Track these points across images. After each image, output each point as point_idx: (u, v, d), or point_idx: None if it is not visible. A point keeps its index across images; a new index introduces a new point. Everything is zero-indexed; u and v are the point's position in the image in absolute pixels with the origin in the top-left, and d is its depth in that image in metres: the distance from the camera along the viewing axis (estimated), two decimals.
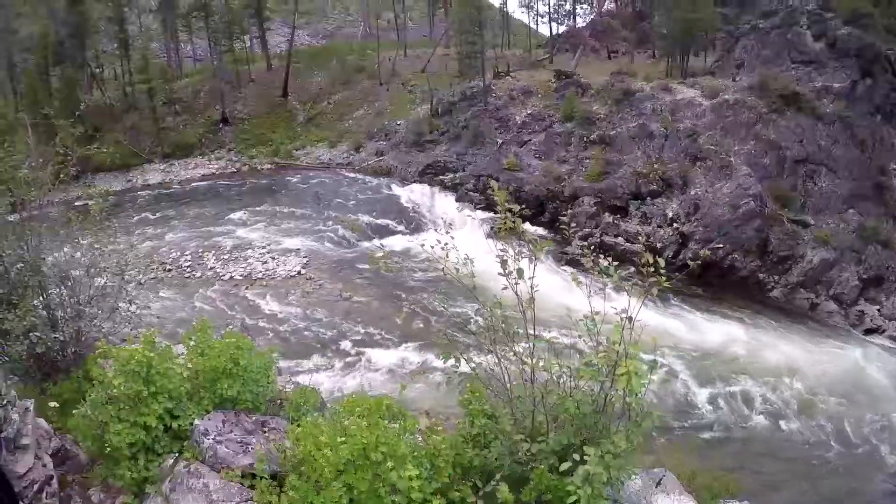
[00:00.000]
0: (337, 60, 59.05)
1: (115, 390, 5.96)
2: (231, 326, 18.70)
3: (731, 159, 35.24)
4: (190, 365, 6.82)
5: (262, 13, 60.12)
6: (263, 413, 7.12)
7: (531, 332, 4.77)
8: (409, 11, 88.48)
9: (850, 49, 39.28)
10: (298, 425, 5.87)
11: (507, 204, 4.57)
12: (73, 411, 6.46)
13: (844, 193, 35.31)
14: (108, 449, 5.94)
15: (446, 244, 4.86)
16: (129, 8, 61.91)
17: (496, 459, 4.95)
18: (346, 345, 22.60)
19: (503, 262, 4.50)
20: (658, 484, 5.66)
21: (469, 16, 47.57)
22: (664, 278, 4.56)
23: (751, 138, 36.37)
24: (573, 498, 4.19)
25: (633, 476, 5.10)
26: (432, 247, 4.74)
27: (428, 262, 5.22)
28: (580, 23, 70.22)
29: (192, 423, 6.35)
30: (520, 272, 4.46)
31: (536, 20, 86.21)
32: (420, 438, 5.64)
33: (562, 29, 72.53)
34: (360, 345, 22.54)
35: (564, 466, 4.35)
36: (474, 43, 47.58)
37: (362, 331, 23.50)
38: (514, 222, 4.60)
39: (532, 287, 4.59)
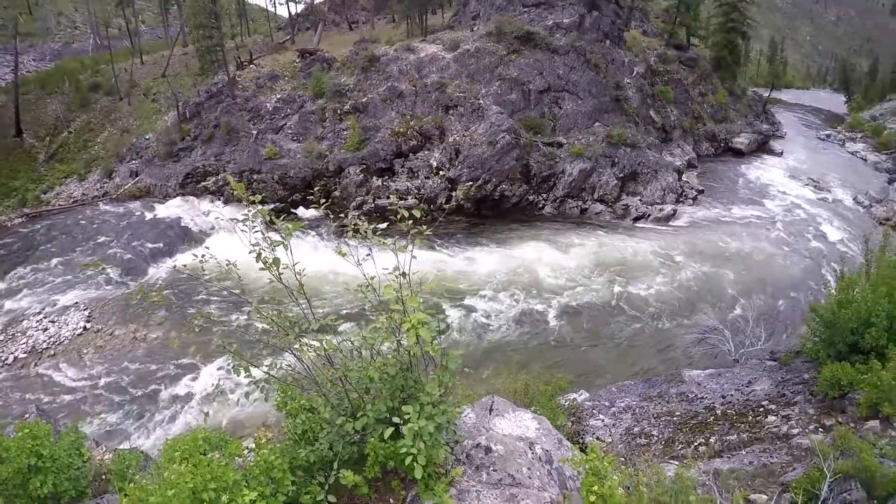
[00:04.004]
0: (69, 82, 52.06)
1: None
2: (27, 415, 16.26)
3: (481, 102, 38.00)
4: None
5: None
6: (91, 497, 6.31)
7: (310, 316, 4.74)
8: (141, 14, 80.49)
9: None
10: (126, 495, 5.28)
11: (249, 196, 4.42)
12: None
13: (588, 111, 40.05)
14: None
15: (203, 256, 4.61)
16: None
17: (330, 448, 4.89)
18: (156, 388, 20.98)
19: (258, 256, 4.37)
20: (490, 410, 6.01)
21: (204, 8, 44.66)
22: (425, 227, 4.76)
23: (496, 80, 39.44)
24: (409, 459, 4.30)
25: (460, 414, 5.36)
26: (185, 265, 4.48)
27: (211, 273, 4.89)
28: None
29: None
30: (276, 262, 4.37)
31: (274, 2, 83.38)
32: (250, 457, 5.37)
33: (300, 7, 71.04)
34: (171, 382, 21.10)
35: (387, 433, 4.43)
36: (212, 36, 44.99)
37: (169, 367, 21.99)
38: (258, 210, 4.48)
39: (297, 273, 4.54)
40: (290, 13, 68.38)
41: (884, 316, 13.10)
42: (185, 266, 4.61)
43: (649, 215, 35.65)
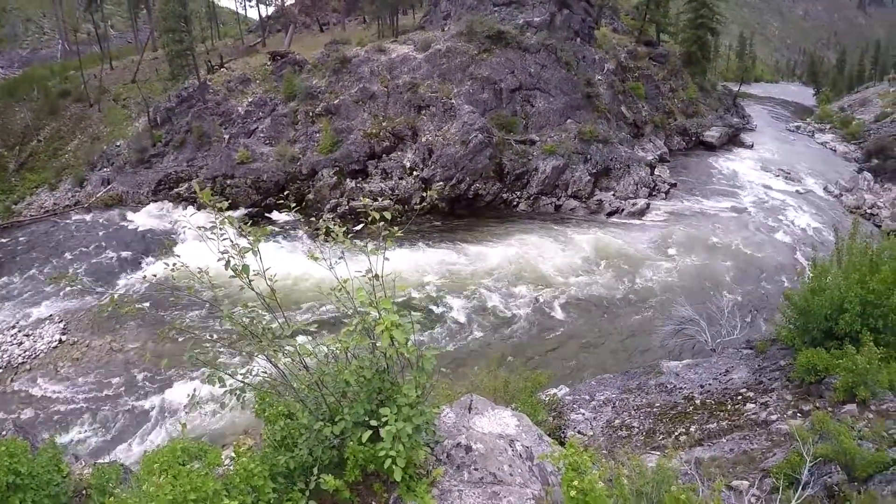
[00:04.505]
0: (38, 89, 51.00)
1: None
2: (4, 432, 15.96)
3: (453, 101, 38.05)
4: None
5: None
6: None
7: (281, 321, 4.71)
8: (110, 18, 79.04)
9: None
10: None
11: (216, 202, 4.36)
12: None
13: (560, 108, 40.29)
14: None
15: (174, 264, 4.56)
16: None
17: (310, 454, 4.85)
18: (135, 399, 20.70)
19: (227, 263, 4.32)
20: (469, 409, 6.00)
21: (174, 11, 44.03)
22: (396, 229, 4.75)
23: (467, 79, 39.52)
24: (388, 461, 4.29)
25: (439, 415, 5.35)
26: (154, 275, 4.45)
27: (184, 281, 4.86)
28: (288, 0, 68.65)
29: None
30: (245, 268, 4.32)
31: (244, 5, 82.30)
32: (230, 465, 5.31)
33: (271, 10, 70.35)
34: (149, 393, 20.84)
35: (365, 436, 4.41)
36: (182, 40, 44.39)
37: (146, 377, 21.72)
38: (225, 217, 4.42)
39: (268, 279, 4.50)
40: (260, 15, 67.80)
41: (856, 302, 13.34)
42: (154, 276, 4.56)
43: (623, 210, 36.01)
